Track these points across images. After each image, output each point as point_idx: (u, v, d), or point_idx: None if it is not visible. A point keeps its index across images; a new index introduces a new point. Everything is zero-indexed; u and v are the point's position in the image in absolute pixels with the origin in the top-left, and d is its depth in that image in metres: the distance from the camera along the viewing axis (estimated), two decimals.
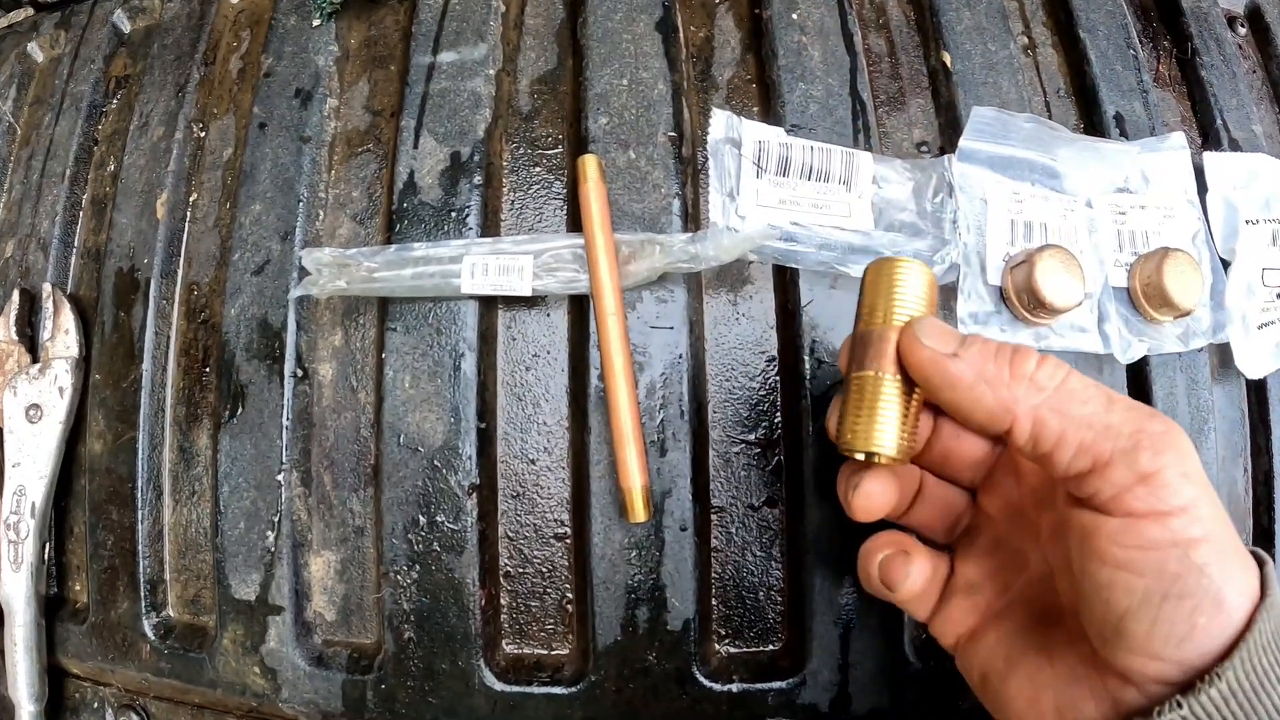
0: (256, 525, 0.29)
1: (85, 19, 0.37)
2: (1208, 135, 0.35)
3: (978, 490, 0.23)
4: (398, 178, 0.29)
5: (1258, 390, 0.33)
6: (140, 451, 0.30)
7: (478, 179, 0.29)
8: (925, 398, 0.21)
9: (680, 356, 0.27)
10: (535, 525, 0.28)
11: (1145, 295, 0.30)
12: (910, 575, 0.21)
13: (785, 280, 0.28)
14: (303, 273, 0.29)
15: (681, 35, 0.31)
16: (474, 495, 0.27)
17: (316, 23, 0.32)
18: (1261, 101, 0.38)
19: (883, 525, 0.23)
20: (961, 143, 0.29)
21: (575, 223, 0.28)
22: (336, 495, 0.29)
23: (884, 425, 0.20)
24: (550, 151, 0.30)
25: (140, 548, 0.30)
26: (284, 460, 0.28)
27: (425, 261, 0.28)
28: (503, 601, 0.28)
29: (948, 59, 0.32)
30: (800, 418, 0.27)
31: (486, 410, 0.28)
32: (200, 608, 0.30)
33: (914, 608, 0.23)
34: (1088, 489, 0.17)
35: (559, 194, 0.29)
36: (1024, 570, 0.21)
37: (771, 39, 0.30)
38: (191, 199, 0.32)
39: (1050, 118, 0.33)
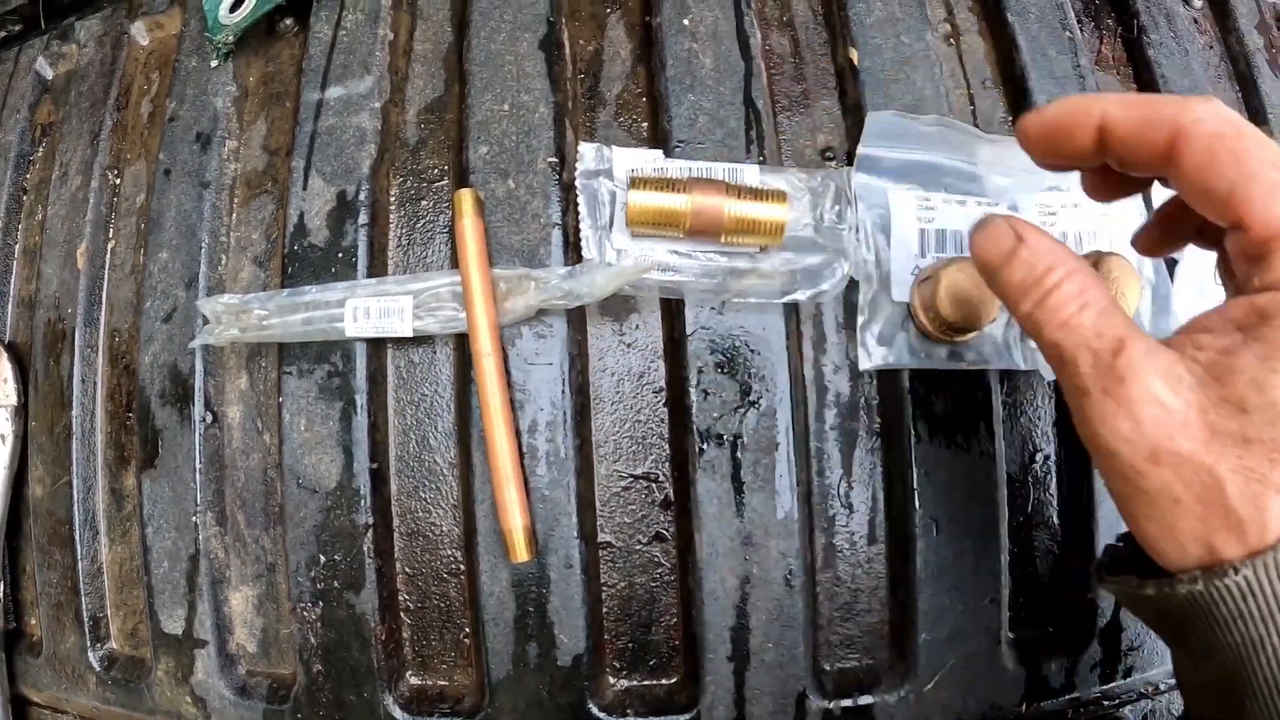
0: (178, 564, 0.31)
1: (11, 66, 0.40)
2: None
3: None
4: (289, 220, 0.31)
5: None
6: (75, 494, 0.33)
7: (363, 218, 0.30)
8: None
9: (562, 392, 0.28)
10: (430, 562, 0.29)
11: None
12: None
13: (671, 309, 0.28)
14: (206, 320, 0.31)
15: (568, 51, 0.31)
16: (369, 534, 0.29)
17: (214, 64, 0.34)
18: (1219, 80, 0.36)
19: None
20: (859, 150, 0.29)
21: (458, 259, 0.29)
22: (250, 533, 0.31)
23: None
24: (436, 184, 0.31)
25: (82, 585, 0.33)
26: (198, 502, 0.31)
27: (314, 306, 0.30)
28: (405, 635, 0.30)
29: (854, 55, 0.31)
30: (688, 450, 0.28)
31: (379, 451, 0.29)
32: (138, 640, 0.33)
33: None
34: None
35: (445, 228, 0.31)
36: None
37: (661, 48, 0.31)
38: (110, 247, 0.35)
39: (974, 112, 0.33)
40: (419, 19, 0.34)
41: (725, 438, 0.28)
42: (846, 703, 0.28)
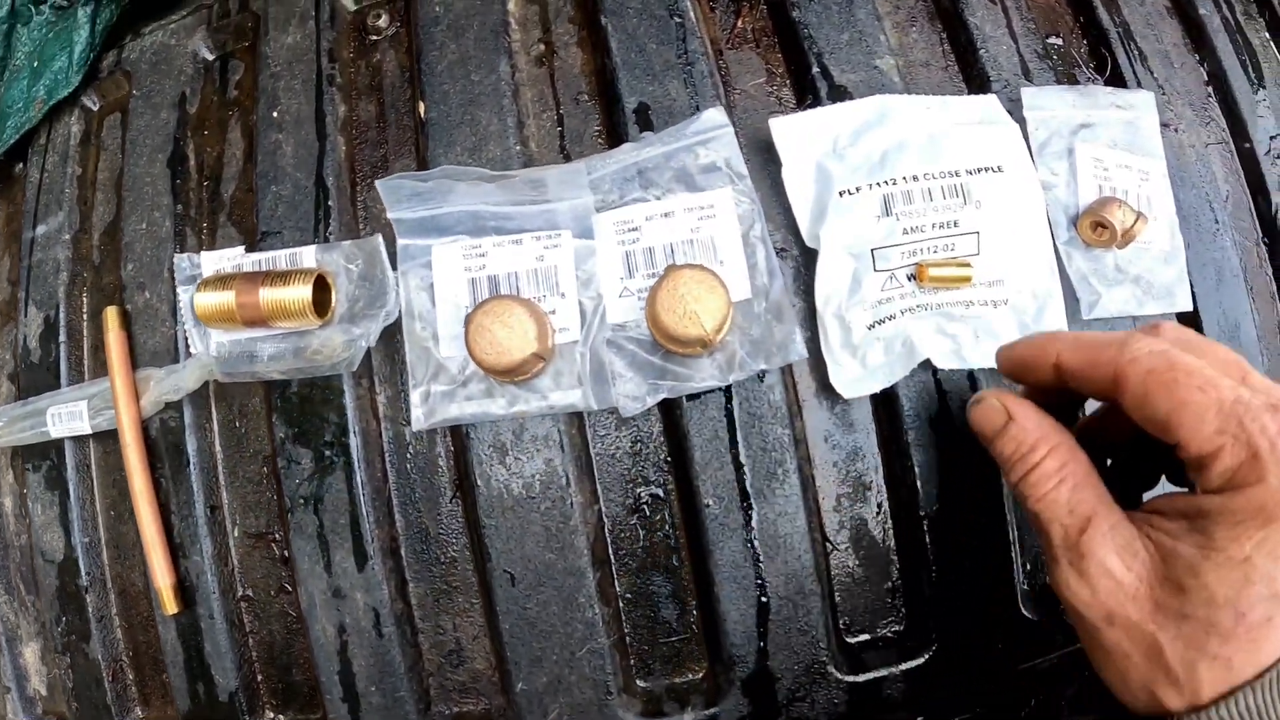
0: None
1: None
2: (805, 90, 0.33)
3: None
4: (18, 343, 0.40)
5: (887, 406, 0.31)
6: None
7: (62, 336, 0.39)
8: None
9: (194, 467, 0.34)
10: (136, 616, 0.37)
11: (655, 328, 0.30)
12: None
13: (265, 387, 0.34)
14: None
15: (192, 162, 0.38)
16: (90, 594, 0.37)
17: None
18: (913, 23, 0.34)
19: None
20: (388, 215, 0.32)
21: None
22: (29, 599, 0.41)
23: None
24: (113, 299, 0.38)
25: None
26: None
27: (33, 414, 0.38)
28: (130, 677, 0.38)
29: (422, 109, 0.34)
30: (285, 511, 0.33)
31: (89, 527, 0.38)
32: None
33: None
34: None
35: None
36: None
37: (256, 144, 0.36)
38: None
39: (563, 132, 0.34)
40: (102, 150, 0.41)
41: (308, 500, 0.33)
42: None
